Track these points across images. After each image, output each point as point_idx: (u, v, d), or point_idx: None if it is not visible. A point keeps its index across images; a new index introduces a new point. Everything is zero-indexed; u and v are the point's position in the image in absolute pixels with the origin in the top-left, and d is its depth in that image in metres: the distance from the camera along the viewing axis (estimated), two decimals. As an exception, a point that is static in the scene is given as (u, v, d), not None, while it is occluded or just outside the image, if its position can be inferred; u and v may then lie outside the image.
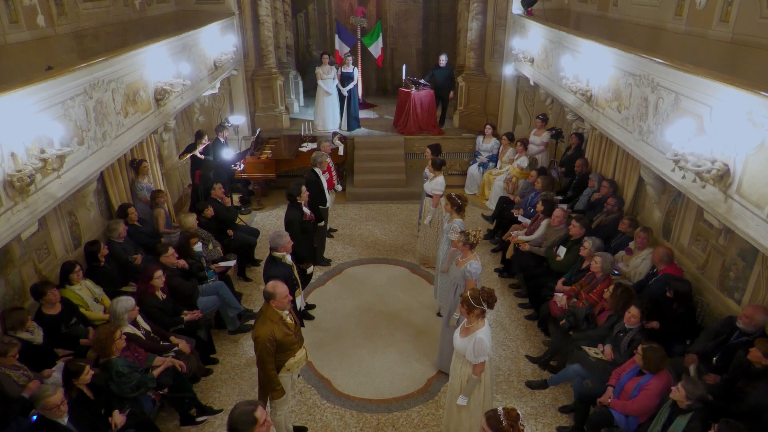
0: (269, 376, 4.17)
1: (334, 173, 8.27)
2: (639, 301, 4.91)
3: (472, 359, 4.14)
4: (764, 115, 3.66)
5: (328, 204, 7.81)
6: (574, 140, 8.81)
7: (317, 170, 7.49)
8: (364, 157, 10.59)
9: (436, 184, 7.28)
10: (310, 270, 6.33)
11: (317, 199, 7.37)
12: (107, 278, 5.69)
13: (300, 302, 5.70)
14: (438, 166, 7.37)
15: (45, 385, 3.72)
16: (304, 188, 6.44)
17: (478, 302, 4.11)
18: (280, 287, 4.11)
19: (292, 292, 5.05)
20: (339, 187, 8.52)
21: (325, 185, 7.58)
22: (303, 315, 6.50)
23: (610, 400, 4.52)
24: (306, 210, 6.51)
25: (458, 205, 5.98)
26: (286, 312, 4.23)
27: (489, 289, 4.20)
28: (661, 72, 5.08)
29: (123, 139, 5.80)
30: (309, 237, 6.73)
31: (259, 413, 3.02)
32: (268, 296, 4.13)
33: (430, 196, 7.37)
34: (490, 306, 4.16)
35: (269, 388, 4.22)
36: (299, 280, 5.49)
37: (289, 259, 5.22)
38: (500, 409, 3.16)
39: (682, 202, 5.95)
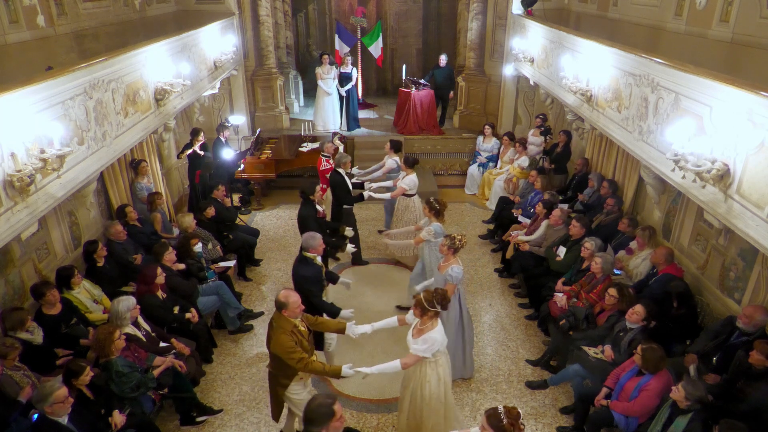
0: (322, 370, 4.07)
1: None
2: (645, 300, 4.91)
3: (420, 353, 4.11)
4: (764, 115, 3.66)
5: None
6: (563, 138, 8.87)
7: (341, 171, 7.33)
8: (364, 157, 10.57)
9: (409, 181, 7.26)
10: (348, 233, 6.31)
11: (343, 199, 7.26)
12: (107, 278, 5.68)
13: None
14: (411, 164, 7.34)
15: (49, 382, 3.73)
16: (318, 187, 6.36)
17: (431, 305, 4.11)
18: (293, 296, 4.05)
19: (321, 292, 5.10)
20: None
21: (350, 185, 7.43)
22: None
23: (605, 402, 4.52)
24: (319, 207, 6.47)
25: (437, 210, 5.97)
26: (299, 320, 4.17)
27: (442, 291, 4.22)
28: (661, 72, 5.08)
29: (123, 139, 5.80)
30: (323, 232, 6.62)
31: (337, 407, 3.07)
32: (281, 306, 4.05)
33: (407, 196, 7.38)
34: (444, 307, 4.17)
35: (325, 373, 4.13)
36: (325, 282, 5.41)
37: (319, 260, 5.16)
38: (500, 408, 3.15)
39: (682, 202, 5.95)
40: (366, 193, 7.21)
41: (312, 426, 3.07)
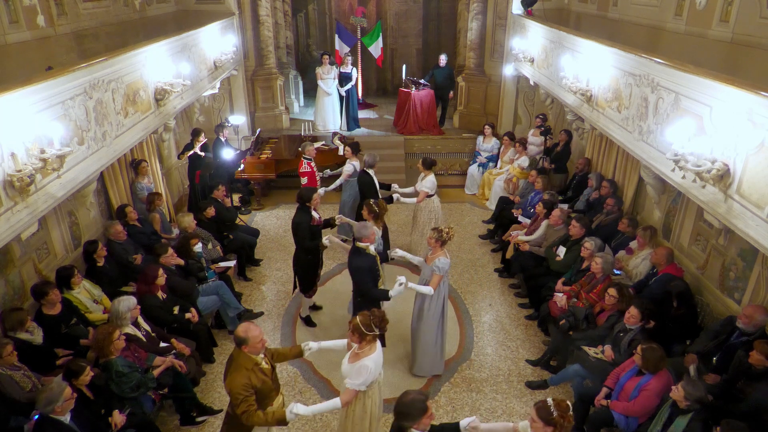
0: (264, 420, 3.63)
1: (317, 177, 8.22)
2: (638, 301, 4.92)
3: (357, 387, 3.84)
4: (764, 115, 3.66)
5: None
6: (563, 137, 8.89)
7: (371, 172, 7.36)
8: (364, 157, 10.60)
9: (429, 183, 7.32)
10: (338, 221, 6.42)
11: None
12: (107, 278, 5.69)
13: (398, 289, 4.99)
14: (429, 166, 7.40)
15: (52, 383, 3.72)
16: (315, 195, 6.34)
17: (370, 329, 3.84)
18: (252, 330, 3.63)
19: (376, 283, 5.05)
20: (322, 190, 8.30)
21: (377, 186, 7.43)
22: (306, 321, 6.57)
23: (605, 402, 4.52)
24: (315, 214, 6.47)
25: (375, 213, 5.99)
26: (261, 356, 3.77)
27: (380, 313, 3.95)
28: (661, 72, 5.08)
29: (123, 139, 5.80)
30: (316, 238, 6.60)
31: (430, 403, 3.10)
32: (240, 341, 3.64)
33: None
34: (383, 329, 3.92)
35: (268, 423, 3.69)
36: (381, 271, 5.31)
37: (372, 249, 5.10)
38: (550, 400, 3.15)
39: (682, 202, 5.95)
40: (395, 196, 7.29)
41: (405, 420, 3.10)
